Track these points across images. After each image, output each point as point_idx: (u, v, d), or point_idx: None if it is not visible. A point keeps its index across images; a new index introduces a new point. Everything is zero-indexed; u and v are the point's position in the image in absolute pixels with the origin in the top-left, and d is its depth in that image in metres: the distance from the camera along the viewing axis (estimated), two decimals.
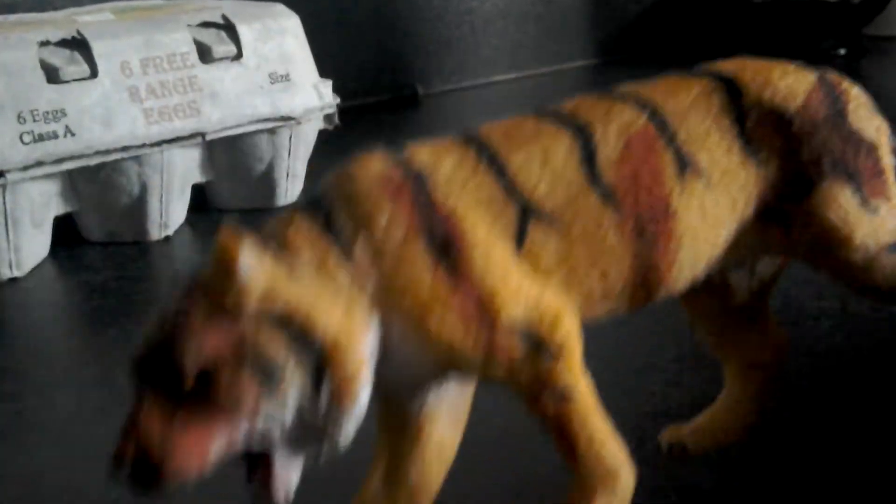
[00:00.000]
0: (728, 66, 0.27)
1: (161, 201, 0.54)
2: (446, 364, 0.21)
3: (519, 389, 0.22)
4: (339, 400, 0.20)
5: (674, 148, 0.25)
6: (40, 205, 0.51)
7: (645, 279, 0.24)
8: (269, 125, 0.57)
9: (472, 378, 0.23)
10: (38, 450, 0.33)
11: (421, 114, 0.79)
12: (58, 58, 0.51)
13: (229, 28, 0.57)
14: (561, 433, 0.22)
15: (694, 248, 0.25)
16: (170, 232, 0.56)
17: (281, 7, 0.60)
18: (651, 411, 0.33)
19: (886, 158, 0.26)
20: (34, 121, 0.49)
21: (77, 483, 0.31)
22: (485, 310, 0.21)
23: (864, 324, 0.39)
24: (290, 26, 0.59)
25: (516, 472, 0.31)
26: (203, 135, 0.55)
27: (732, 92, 0.26)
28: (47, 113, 0.50)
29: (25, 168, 0.49)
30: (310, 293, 0.20)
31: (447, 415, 0.22)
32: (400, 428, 0.22)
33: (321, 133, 0.61)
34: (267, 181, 0.59)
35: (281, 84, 0.58)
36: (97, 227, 0.55)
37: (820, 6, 0.91)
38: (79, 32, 0.52)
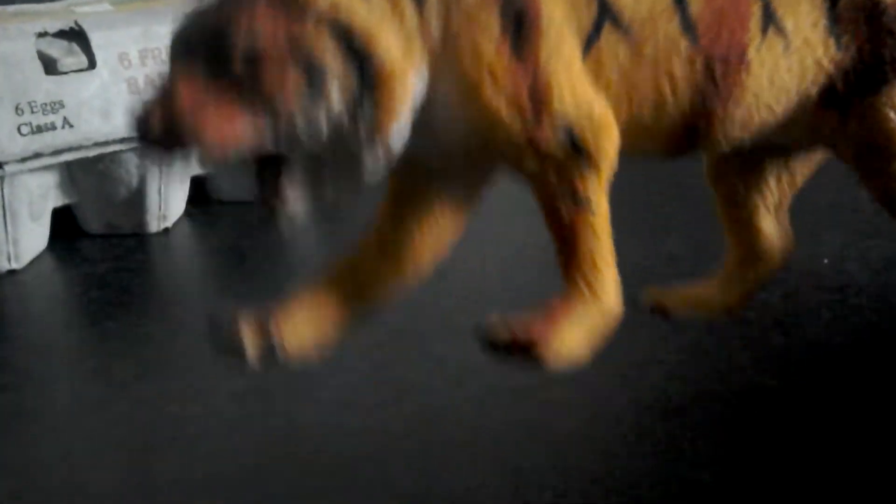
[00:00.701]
0: None
1: (160, 193, 0.54)
2: (483, 138, 0.20)
3: (543, 188, 0.21)
4: (379, 126, 0.19)
5: (765, 1, 0.24)
6: (38, 197, 0.51)
7: (695, 123, 0.23)
8: None
9: (497, 173, 0.22)
10: (36, 442, 0.33)
11: None
12: (56, 49, 0.51)
13: None
14: (567, 242, 0.22)
15: (754, 106, 0.23)
16: (169, 224, 0.55)
17: None
18: (651, 405, 0.33)
19: None
20: (32, 112, 0.49)
21: (75, 474, 0.31)
22: (539, 94, 0.21)
23: (864, 315, 0.38)
24: None
25: (513, 465, 0.31)
26: None
27: None
28: (45, 104, 0.50)
29: (23, 160, 0.49)
30: (377, 19, 0.20)
31: (452, 215, 0.22)
32: (409, 203, 0.22)
33: None
34: None
35: None
36: (96, 220, 0.54)
37: None
38: (77, 23, 0.52)
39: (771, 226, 0.28)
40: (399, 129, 0.20)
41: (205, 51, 0.19)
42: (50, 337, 0.42)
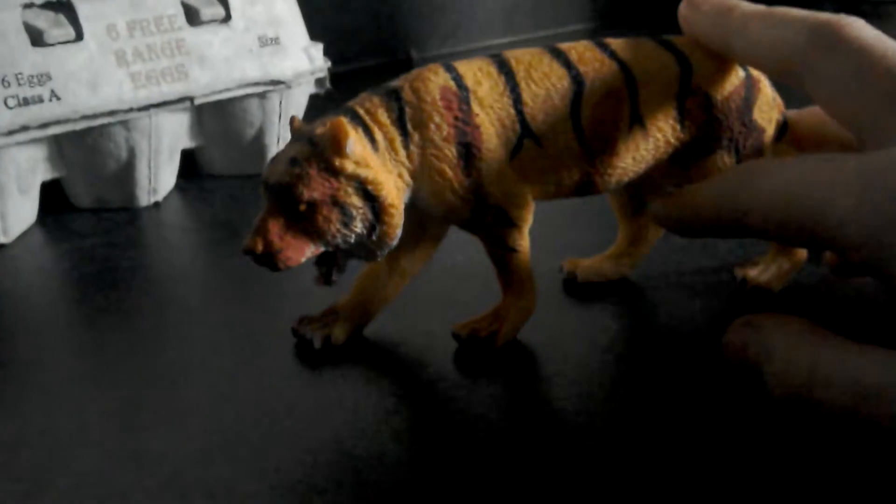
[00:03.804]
0: (685, 45, 0.35)
1: (149, 167, 0.54)
2: (448, 217, 0.33)
3: (487, 242, 0.33)
4: (385, 236, 0.31)
5: (633, 105, 0.34)
6: (26, 170, 0.50)
7: (585, 187, 0.34)
8: (259, 89, 0.56)
9: (454, 229, 0.35)
10: (25, 416, 0.33)
11: None
12: (42, 20, 0.50)
13: None
14: (502, 269, 0.34)
15: (624, 173, 0.35)
16: (159, 198, 0.55)
17: None
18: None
19: (768, 141, 0.36)
20: (19, 85, 0.48)
21: (64, 449, 0.31)
22: (480, 194, 0.32)
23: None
24: None
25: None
26: (191, 99, 0.54)
27: (685, 71, 0.34)
28: (32, 77, 0.49)
29: (10, 133, 0.48)
30: (380, 168, 0.30)
31: (430, 244, 0.35)
32: (408, 236, 0.34)
33: (312, 97, 0.60)
34: (257, 146, 0.58)
35: (270, 47, 0.57)
36: (85, 194, 0.54)
37: None
38: None
39: (645, 218, 0.38)
40: (397, 236, 0.31)
41: (282, 199, 0.30)
42: (39, 311, 0.42)
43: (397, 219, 0.31)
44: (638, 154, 0.34)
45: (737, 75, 0.35)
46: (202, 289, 0.43)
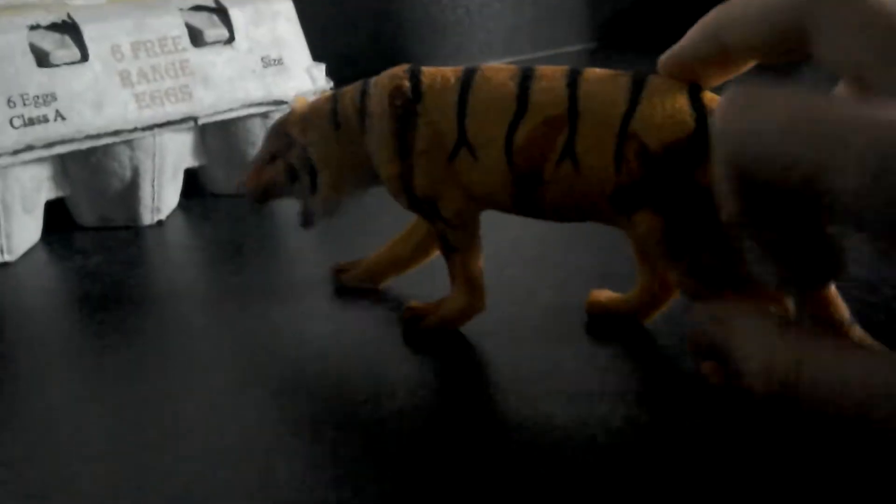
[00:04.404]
0: (652, 84, 0.32)
1: (153, 186, 0.54)
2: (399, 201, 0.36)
3: (436, 236, 0.36)
4: (321, 196, 0.37)
5: (569, 138, 0.32)
6: (31, 190, 0.51)
7: (521, 207, 0.34)
8: (262, 109, 0.57)
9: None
10: (27, 434, 0.33)
11: None
12: (48, 41, 0.51)
13: (221, 11, 0.56)
14: (448, 266, 0.36)
15: (562, 205, 0.34)
16: (162, 217, 0.55)
17: None
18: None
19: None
20: (24, 105, 0.49)
21: (67, 468, 0.31)
22: (409, 185, 0.35)
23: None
24: (283, 9, 0.59)
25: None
26: (195, 119, 0.54)
27: (629, 112, 0.32)
28: (37, 97, 0.49)
29: (16, 152, 0.48)
30: (328, 140, 0.37)
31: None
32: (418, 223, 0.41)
33: None
34: None
35: (274, 68, 0.57)
36: (89, 212, 0.54)
37: None
38: (69, 16, 0.52)
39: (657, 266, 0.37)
40: (330, 199, 0.37)
41: (267, 148, 0.39)
42: (43, 330, 0.42)
43: (330, 184, 0.36)
44: (571, 189, 0.32)
45: (682, 126, 0.31)
46: (205, 307, 0.44)
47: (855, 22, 0.29)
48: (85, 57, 0.51)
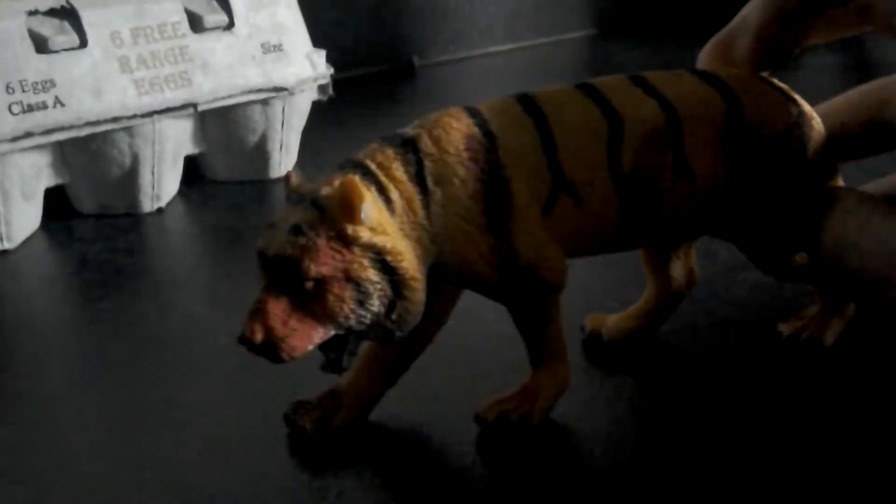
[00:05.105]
0: (733, 81, 0.30)
1: (153, 173, 0.54)
2: (472, 285, 0.29)
3: (517, 312, 0.29)
4: (406, 314, 0.26)
5: (678, 152, 0.29)
6: (31, 177, 0.50)
7: (623, 243, 0.30)
8: (262, 96, 0.57)
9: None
10: (29, 420, 0.33)
11: (417, 85, 0.79)
12: (47, 27, 0.51)
13: None
14: (535, 342, 0.29)
15: (674, 229, 0.30)
16: (162, 204, 0.55)
17: None
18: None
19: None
20: (23, 91, 0.49)
21: (66, 455, 0.31)
22: (509, 257, 0.27)
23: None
24: None
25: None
26: (195, 105, 0.54)
27: (734, 110, 0.29)
28: (36, 83, 0.49)
29: (15, 139, 0.48)
30: (398, 234, 0.26)
31: (432, 324, 0.30)
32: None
33: (315, 104, 0.61)
34: (260, 152, 0.58)
35: (273, 54, 0.57)
36: (89, 200, 0.54)
37: None
38: (68, 1, 0.51)
39: (678, 269, 0.34)
40: (420, 313, 0.27)
41: (284, 274, 0.25)
42: (42, 317, 0.42)
43: (420, 293, 0.26)
44: (684, 208, 0.29)
45: (787, 111, 0.30)
46: (205, 294, 0.43)
47: None
48: (84, 43, 0.51)
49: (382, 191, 0.26)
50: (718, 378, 0.33)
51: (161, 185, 0.55)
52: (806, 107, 0.31)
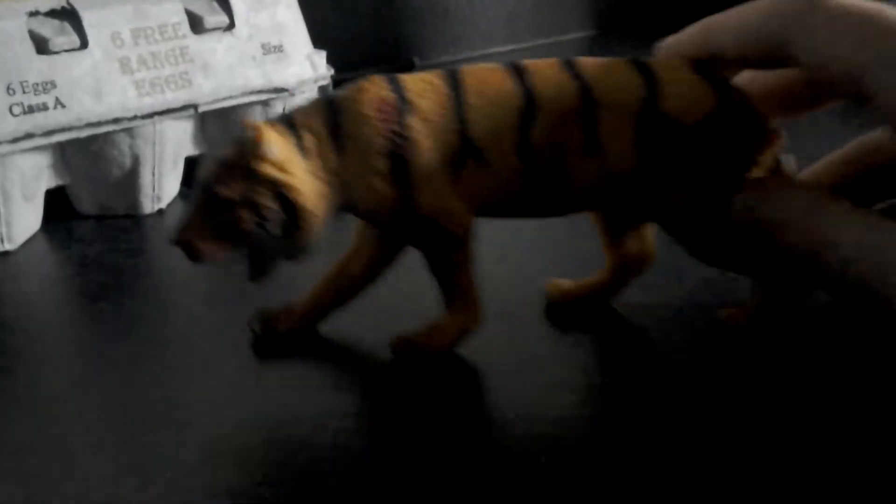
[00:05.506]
0: (662, 71, 0.32)
1: (154, 174, 0.54)
2: (380, 227, 0.33)
3: (429, 258, 0.33)
4: (301, 240, 0.32)
5: (591, 133, 0.31)
6: (31, 178, 0.51)
7: (533, 209, 0.33)
8: (263, 97, 0.57)
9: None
10: (28, 422, 0.33)
11: None
12: (47, 28, 0.51)
13: None
14: (445, 285, 0.33)
15: (586, 203, 0.33)
16: (163, 205, 0.55)
17: None
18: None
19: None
20: (24, 92, 0.49)
21: (67, 456, 0.31)
22: (409, 206, 0.31)
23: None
24: None
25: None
26: (195, 106, 0.54)
27: (651, 98, 0.32)
28: (37, 84, 0.49)
29: (15, 140, 0.48)
30: (303, 173, 0.31)
31: (377, 263, 0.35)
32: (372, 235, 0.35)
33: None
34: None
35: (274, 55, 0.57)
36: (89, 201, 0.54)
37: None
38: (68, 2, 0.51)
39: (633, 247, 0.37)
40: (313, 241, 0.32)
41: (206, 195, 0.31)
42: (43, 318, 0.42)
43: (314, 224, 0.31)
44: (593, 184, 0.32)
45: (706, 99, 0.32)
46: (205, 295, 0.43)
47: (842, 30, 0.29)
48: (84, 44, 0.51)
49: (299, 138, 0.31)
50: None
51: (162, 186, 0.55)
52: (742, 99, 0.32)
